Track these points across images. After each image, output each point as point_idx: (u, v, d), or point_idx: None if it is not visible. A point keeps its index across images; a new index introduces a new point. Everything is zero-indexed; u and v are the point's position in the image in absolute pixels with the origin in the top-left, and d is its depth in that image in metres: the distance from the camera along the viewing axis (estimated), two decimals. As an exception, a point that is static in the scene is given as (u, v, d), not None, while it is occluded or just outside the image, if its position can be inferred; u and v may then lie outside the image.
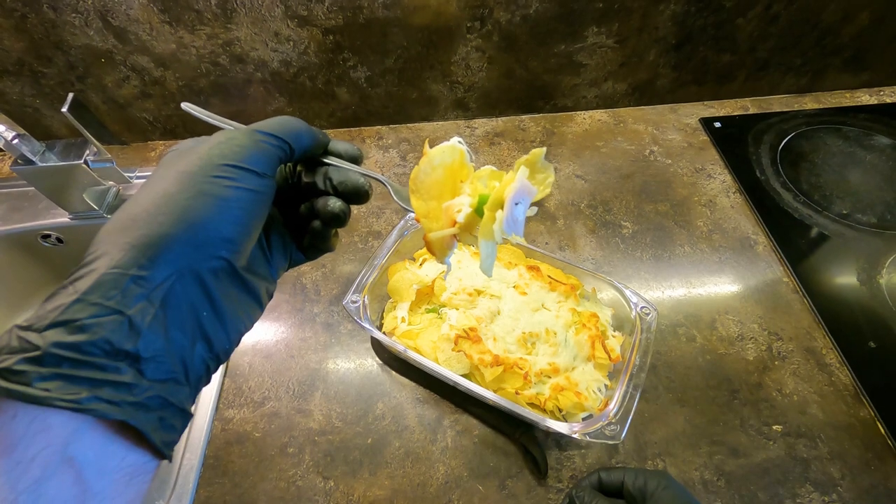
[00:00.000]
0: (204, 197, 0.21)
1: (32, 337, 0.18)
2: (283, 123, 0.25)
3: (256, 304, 0.25)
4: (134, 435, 0.20)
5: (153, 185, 0.22)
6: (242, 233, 0.23)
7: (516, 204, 0.27)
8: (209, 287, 0.22)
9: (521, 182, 0.26)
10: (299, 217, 0.30)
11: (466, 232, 0.29)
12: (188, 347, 0.22)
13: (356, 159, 0.29)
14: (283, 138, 0.25)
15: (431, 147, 0.29)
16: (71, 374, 0.18)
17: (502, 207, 0.27)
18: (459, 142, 0.30)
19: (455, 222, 0.28)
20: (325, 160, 0.28)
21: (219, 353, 0.23)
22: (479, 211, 0.28)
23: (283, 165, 0.27)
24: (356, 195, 0.28)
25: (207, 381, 0.23)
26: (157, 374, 0.20)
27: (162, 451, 0.20)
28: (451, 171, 0.29)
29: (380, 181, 0.30)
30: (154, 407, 0.20)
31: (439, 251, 0.30)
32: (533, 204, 0.29)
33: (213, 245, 0.22)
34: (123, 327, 0.19)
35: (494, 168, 0.29)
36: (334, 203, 0.27)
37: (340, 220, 0.28)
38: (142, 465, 0.20)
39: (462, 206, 0.28)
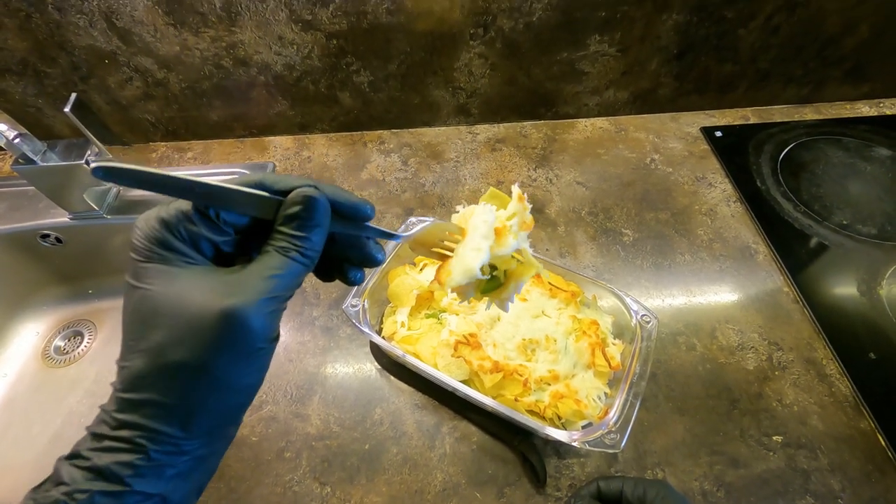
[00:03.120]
0: (230, 392, 0.24)
1: None
2: (289, 277, 0.25)
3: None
4: None
5: (171, 347, 0.22)
6: (263, 377, 0.26)
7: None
8: (237, 419, 0.26)
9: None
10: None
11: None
12: (213, 464, 0.26)
13: (366, 216, 0.27)
14: (289, 295, 0.25)
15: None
16: None
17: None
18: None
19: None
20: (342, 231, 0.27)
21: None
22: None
23: None
24: (374, 264, 0.30)
25: None
26: None
27: None
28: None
29: (397, 241, 0.32)
30: None
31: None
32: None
33: (241, 402, 0.25)
34: None
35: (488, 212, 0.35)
36: (354, 274, 0.29)
37: (361, 282, 0.30)
38: None
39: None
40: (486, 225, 0.34)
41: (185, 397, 0.23)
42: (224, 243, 0.25)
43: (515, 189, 0.37)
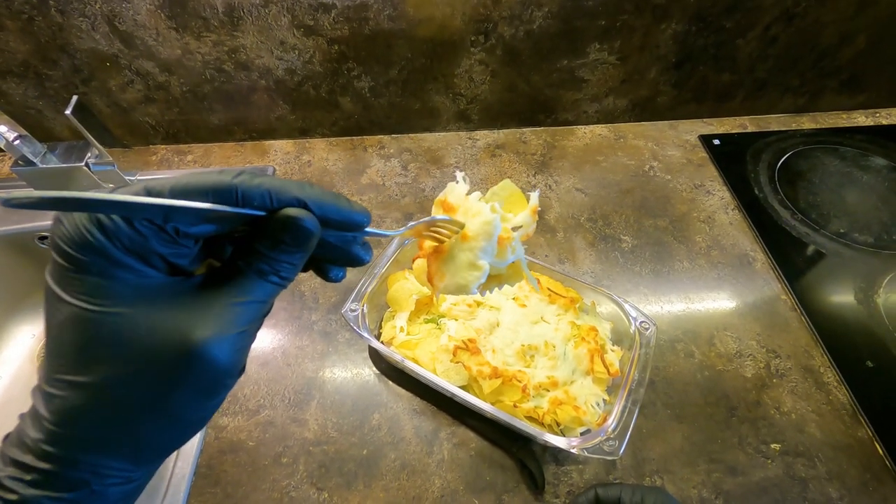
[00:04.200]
0: (186, 425, 0.22)
1: None
2: (264, 304, 0.22)
3: None
4: None
5: (119, 384, 0.19)
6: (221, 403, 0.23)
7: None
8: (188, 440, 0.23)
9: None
10: None
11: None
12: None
13: (361, 226, 0.23)
14: (260, 324, 0.22)
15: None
16: None
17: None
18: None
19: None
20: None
21: None
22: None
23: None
24: (360, 265, 0.25)
25: None
26: None
27: None
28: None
29: (390, 236, 0.29)
30: None
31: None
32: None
33: (196, 430, 0.22)
34: None
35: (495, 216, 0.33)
36: (336, 273, 0.25)
37: (341, 280, 0.26)
38: None
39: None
40: (489, 239, 0.31)
41: (135, 435, 0.20)
42: (179, 256, 0.20)
43: (534, 198, 0.35)
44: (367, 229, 0.24)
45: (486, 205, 0.32)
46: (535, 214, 0.35)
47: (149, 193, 0.18)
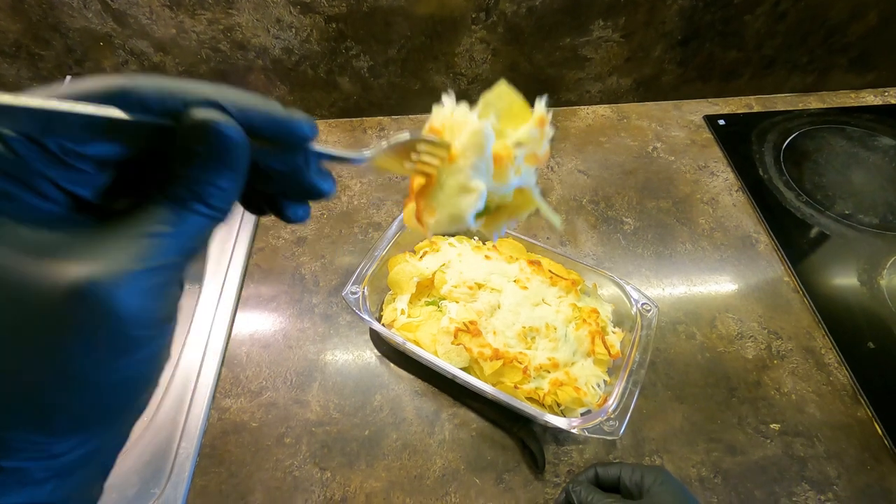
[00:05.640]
0: (103, 389, 0.17)
1: None
2: (184, 236, 0.17)
3: None
4: None
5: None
6: (161, 365, 0.18)
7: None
8: (133, 409, 0.19)
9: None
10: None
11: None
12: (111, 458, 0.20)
13: (302, 136, 0.19)
14: (183, 262, 0.17)
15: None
16: None
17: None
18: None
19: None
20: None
21: None
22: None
23: None
24: (319, 197, 0.21)
25: None
26: None
27: None
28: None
29: (355, 164, 0.23)
30: None
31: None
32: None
33: (127, 397, 0.18)
34: None
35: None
36: (294, 211, 0.22)
37: (303, 220, 0.22)
38: None
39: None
40: (480, 152, 0.25)
41: (31, 400, 0.15)
42: (77, 183, 0.16)
43: (540, 106, 0.28)
44: (326, 151, 0.19)
45: (472, 113, 0.26)
46: (542, 126, 0.28)
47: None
